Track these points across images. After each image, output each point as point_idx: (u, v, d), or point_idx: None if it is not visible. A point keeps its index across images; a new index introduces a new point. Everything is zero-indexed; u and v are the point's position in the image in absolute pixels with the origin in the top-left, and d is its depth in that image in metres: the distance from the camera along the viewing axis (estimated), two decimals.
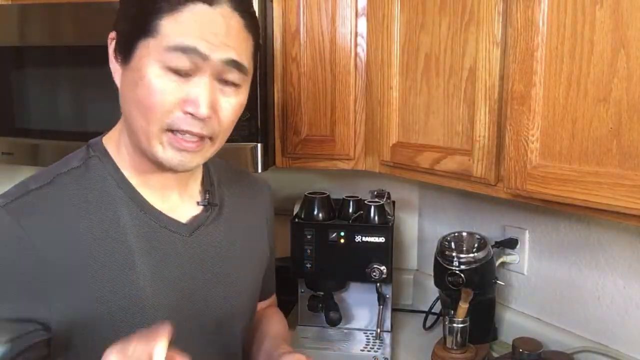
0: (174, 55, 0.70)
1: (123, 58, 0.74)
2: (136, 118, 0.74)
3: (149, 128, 0.73)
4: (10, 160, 1.48)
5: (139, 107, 0.73)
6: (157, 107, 0.72)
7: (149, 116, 0.72)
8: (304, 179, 1.74)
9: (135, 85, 0.72)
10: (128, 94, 0.74)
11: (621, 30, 0.76)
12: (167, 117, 0.72)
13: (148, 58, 0.71)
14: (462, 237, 1.37)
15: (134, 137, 0.77)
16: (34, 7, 1.38)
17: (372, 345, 1.38)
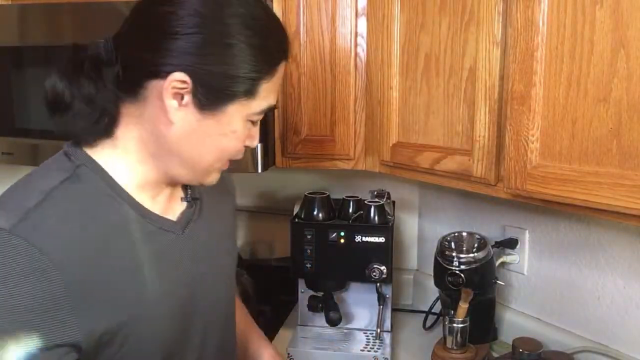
0: (263, 112, 0.79)
1: (204, 107, 0.74)
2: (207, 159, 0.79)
3: (216, 165, 0.81)
4: (10, 160, 1.48)
5: (219, 151, 0.79)
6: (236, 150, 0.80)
7: (223, 157, 0.80)
8: (304, 179, 1.74)
9: (223, 135, 0.77)
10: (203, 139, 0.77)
11: (621, 30, 0.76)
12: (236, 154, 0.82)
13: (242, 114, 0.76)
14: (462, 237, 1.37)
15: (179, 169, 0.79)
16: (34, 7, 1.38)
17: (372, 345, 1.38)
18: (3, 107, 1.46)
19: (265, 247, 1.76)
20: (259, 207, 1.84)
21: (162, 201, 0.84)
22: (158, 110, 0.74)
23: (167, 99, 0.73)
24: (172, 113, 0.74)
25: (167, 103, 0.73)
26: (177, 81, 0.72)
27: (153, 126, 0.76)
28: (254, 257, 1.77)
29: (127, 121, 0.78)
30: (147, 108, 0.75)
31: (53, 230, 0.70)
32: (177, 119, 0.74)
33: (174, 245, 0.83)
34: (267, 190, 1.84)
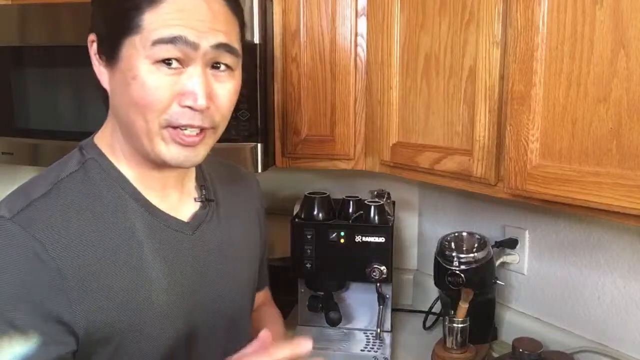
0: (163, 47, 0.69)
1: (108, 59, 0.73)
2: (134, 119, 0.72)
3: (148, 127, 0.72)
4: (10, 160, 1.48)
5: (135, 107, 0.71)
6: (154, 104, 0.71)
7: (147, 115, 0.71)
8: (304, 179, 1.74)
9: (128, 85, 0.71)
10: (121, 95, 0.73)
11: (621, 30, 0.76)
12: (165, 112, 0.71)
13: (137, 56, 0.70)
14: (462, 237, 1.37)
15: (133, 139, 0.75)
16: (34, 7, 1.38)
17: (372, 345, 1.38)
18: (3, 107, 1.46)
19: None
20: None
21: (172, 200, 0.83)
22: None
23: (95, 66, 0.75)
24: (102, 79, 0.75)
25: (95, 70, 0.75)
26: (90, 42, 0.74)
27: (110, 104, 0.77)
28: None
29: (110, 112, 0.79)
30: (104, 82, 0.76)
31: (52, 221, 0.70)
32: (106, 83, 0.75)
33: (182, 246, 0.82)
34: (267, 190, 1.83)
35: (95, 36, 0.74)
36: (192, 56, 0.71)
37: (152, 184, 0.80)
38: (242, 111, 1.28)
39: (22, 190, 0.75)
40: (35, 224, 0.69)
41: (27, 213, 0.70)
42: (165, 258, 0.79)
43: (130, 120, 0.73)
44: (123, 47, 0.71)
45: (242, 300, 0.93)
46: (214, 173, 0.94)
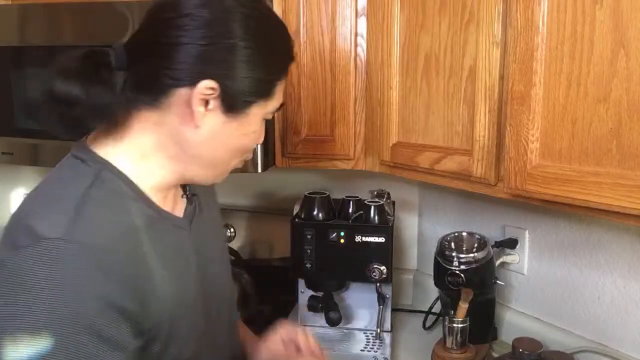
0: (275, 111, 0.84)
1: (229, 110, 0.77)
2: (228, 158, 0.82)
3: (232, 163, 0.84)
4: (10, 160, 1.48)
5: (241, 151, 0.83)
6: (252, 148, 0.85)
7: (240, 157, 0.84)
8: (304, 179, 1.74)
9: (245, 135, 0.81)
10: (226, 140, 0.80)
11: (621, 30, 0.76)
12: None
13: (260, 115, 0.81)
14: (462, 237, 1.37)
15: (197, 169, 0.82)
16: (34, 7, 1.38)
17: (372, 345, 1.38)
18: (3, 107, 1.46)
19: (265, 247, 1.76)
20: (259, 207, 1.84)
21: (170, 200, 0.85)
22: (182, 115, 0.76)
23: (196, 106, 0.75)
24: (199, 118, 0.76)
25: (195, 109, 0.75)
26: (206, 88, 0.74)
27: (175, 131, 0.78)
28: (254, 257, 1.77)
29: (144, 126, 0.78)
30: (169, 114, 0.77)
31: (98, 233, 0.71)
32: (203, 123, 0.76)
33: (186, 241, 0.86)
34: (267, 190, 1.84)
35: (215, 85, 0.74)
36: None
37: (161, 191, 0.82)
38: None
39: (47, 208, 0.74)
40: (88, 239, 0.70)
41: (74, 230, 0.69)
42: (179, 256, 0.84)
43: (219, 158, 0.82)
44: (253, 106, 0.79)
45: (232, 287, 1.05)
46: None
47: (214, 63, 0.74)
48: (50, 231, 0.68)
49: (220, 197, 1.08)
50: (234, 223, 1.75)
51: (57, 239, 0.67)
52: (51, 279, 0.66)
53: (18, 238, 0.69)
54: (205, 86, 0.74)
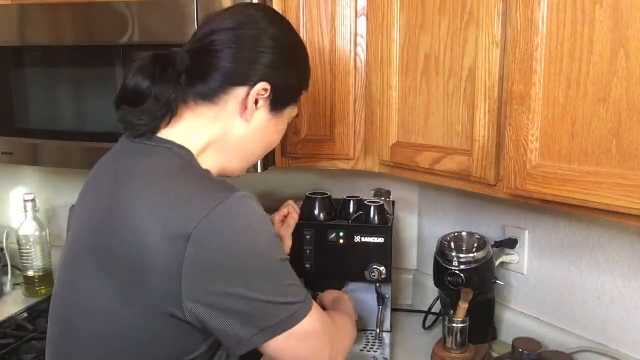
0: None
1: (275, 109, 0.94)
2: (261, 152, 1.00)
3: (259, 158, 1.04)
4: (10, 160, 1.48)
5: (270, 145, 1.01)
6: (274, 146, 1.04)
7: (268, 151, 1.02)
8: (304, 179, 1.74)
9: (278, 132, 0.99)
10: (264, 135, 0.96)
11: (621, 30, 0.76)
12: None
13: (288, 116, 1.00)
14: (462, 237, 1.37)
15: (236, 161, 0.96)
16: (34, 7, 1.38)
17: (372, 346, 1.38)
18: (3, 107, 1.46)
19: None
20: None
21: None
22: (236, 111, 0.91)
23: (250, 103, 0.90)
24: (251, 114, 0.91)
25: (249, 106, 0.90)
26: (262, 90, 0.90)
27: (228, 125, 0.92)
28: None
29: (203, 121, 0.90)
30: (225, 110, 0.90)
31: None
32: (251, 119, 0.92)
33: None
34: (267, 190, 1.83)
35: (270, 87, 0.91)
36: None
37: None
38: None
39: (211, 187, 0.84)
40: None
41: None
42: None
43: (256, 152, 0.99)
44: (288, 108, 0.98)
45: None
46: None
47: (268, 68, 0.90)
48: (229, 189, 0.82)
49: None
50: None
51: (240, 191, 0.82)
52: (257, 214, 0.83)
53: (201, 206, 0.78)
54: (262, 87, 0.90)
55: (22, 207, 1.73)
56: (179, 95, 0.87)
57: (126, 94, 0.86)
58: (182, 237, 0.76)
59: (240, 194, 0.81)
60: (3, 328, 1.51)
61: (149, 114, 0.86)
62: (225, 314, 0.78)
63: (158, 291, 0.78)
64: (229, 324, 0.79)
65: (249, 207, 0.82)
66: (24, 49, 1.42)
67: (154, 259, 0.76)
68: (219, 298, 0.78)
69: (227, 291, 0.78)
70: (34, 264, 1.73)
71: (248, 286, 0.79)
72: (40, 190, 1.93)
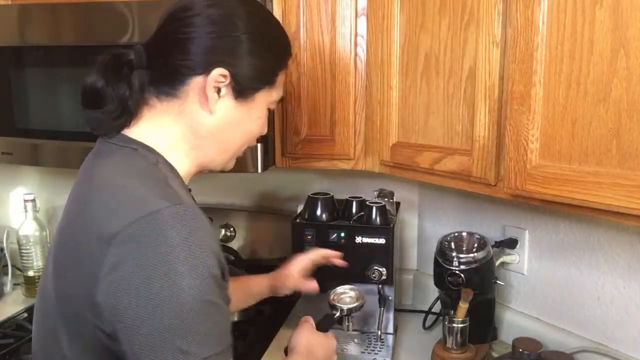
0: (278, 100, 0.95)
1: (240, 96, 0.87)
2: (240, 142, 0.93)
3: (241, 149, 0.94)
4: (10, 160, 1.48)
5: (247, 136, 0.93)
6: (257, 135, 0.95)
7: (249, 142, 0.94)
8: (304, 179, 1.74)
9: (252, 121, 0.91)
10: (237, 125, 0.90)
11: (621, 30, 0.76)
12: None
13: (265, 102, 0.92)
14: (462, 237, 1.37)
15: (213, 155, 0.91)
16: (34, 7, 1.38)
17: (374, 347, 1.38)
18: (3, 107, 1.46)
19: (265, 247, 1.76)
20: (259, 207, 1.84)
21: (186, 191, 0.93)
22: (199, 103, 0.86)
23: (210, 92, 0.85)
24: (213, 104, 0.86)
25: (209, 95, 0.85)
26: (219, 75, 0.84)
27: (193, 118, 0.87)
28: (253, 257, 1.77)
29: (169, 117, 0.87)
30: (187, 103, 0.86)
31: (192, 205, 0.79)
32: (216, 109, 0.86)
33: None
34: (267, 190, 1.84)
35: (227, 72, 0.84)
36: None
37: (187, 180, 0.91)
38: None
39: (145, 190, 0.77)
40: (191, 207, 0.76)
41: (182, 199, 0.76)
42: None
43: (232, 143, 0.92)
44: (260, 93, 0.90)
45: None
46: None
47: (223, 53, 0.84)
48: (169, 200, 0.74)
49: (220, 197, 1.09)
50: (234, 223, 1.76)
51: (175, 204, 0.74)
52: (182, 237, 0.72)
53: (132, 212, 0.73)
54: (218, 73, 0.84)
55: (22, 207, 1.73)
56: (134, 93, 0.84)
57: (84, 95, 0.86)
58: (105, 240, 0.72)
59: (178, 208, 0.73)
60: (3, 328, 1.52)
61: (107, 115, 0.84)
62: (128, 338, 0.71)
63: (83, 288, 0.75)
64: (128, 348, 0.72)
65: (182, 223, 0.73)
66: (24, 49, 1.42)
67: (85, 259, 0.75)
68: (122, 317, 0.71)
69: (127, 311, 0.70)
70: (34, 264, 1.73)
71: (150, 313, 0.70)
72: (40, 190, 1.93)
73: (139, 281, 0.70)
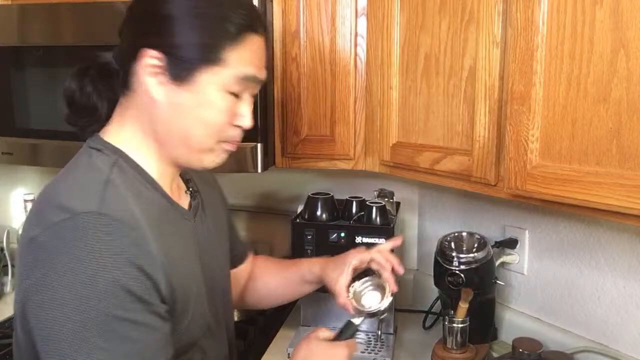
0: (241, 83, 0.81)
1: (176, 79, 0.79)
2: (196, 134, 0.82)
3: (207, 142, 0.83)
4: (10, 160, 1.48)
5: (202, 126, 0.81)
6: (222, 125, 0.82)
7: (212, 133, 0.82)
8: (304, 179, 1.74)
9: (200, 106, 0.80)
10: (185, 112, 0.81)
11: (621, 30, 0.76)
12: (225, 131, 0.83)
13: (213, 84, 0.79)
14: (462, 237, 1.37)
15: (176, 147, 0.83)
16: (34, 7, 1.38)
17: (374, 347, 1.38)
18: (3, 107, 1.46)
19: (265, 247, 1.76)
20: (259, 207, 1.84)
21: (174, 192, 0.91)
22: (144, 92, 0.80)
23: (146, 77, 0.79)
24: (153, 90, 0.80)
25: (146, 80, 0.79)
26: (149, 57, 0.78)
27: (148, 110, 0.82)
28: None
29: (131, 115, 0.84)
30: (140, 95, 0.82)
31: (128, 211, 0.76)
32: (158, 95, 0.80)
33: (191, 231, 0.91)
34: (267, 190, 1.84)
35: (158, 54, 0.78)
36: (252, 89, 0.85)
37: (165, 180, 0.87)
38: None
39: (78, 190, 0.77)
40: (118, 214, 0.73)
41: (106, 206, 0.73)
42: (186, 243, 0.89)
43: (188, 134, 0.82)
44: (201, 73, 0.79)
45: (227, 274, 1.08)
46: None
47: (150, 33, 0.79)
48: (84, 207, 0.72)
49: None
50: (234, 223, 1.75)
51: (93, 212, 0.71)
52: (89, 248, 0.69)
53: (48, 216, 0.72)
54: (149, 55, 0.78)
55: (22, 207, 1.73)
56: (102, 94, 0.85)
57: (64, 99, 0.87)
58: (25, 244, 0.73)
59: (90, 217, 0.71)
60: (3, 328, 1.51)
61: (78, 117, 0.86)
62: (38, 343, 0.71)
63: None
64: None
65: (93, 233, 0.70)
66: (24, 49, 1.42)
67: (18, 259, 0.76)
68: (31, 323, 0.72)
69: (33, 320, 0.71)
70: None
71: (51, 325, 0.69)
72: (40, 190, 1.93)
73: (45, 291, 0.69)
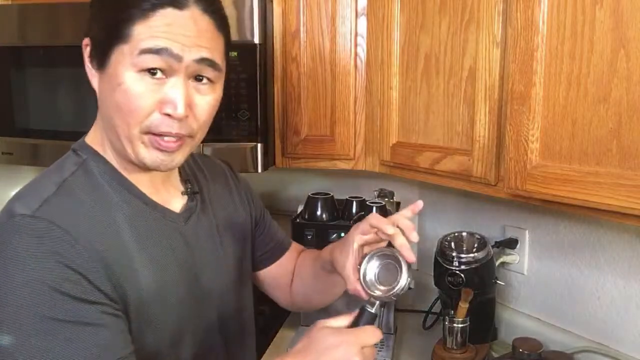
0: (148, 57, 0.74)
1: (99, 64, 0.78)
2: (117, 123, 0.77)
3: (130, 131, 0.77)
4: (10, 160, 1.48)
5: (120, 112, 0.76)
6: (137, 110, 0.75)
7: (129, 120, 0.76)
8: (304, 179, 1.74)
9: (114, 90, 0.75)
10: (107, 99, 0.77)
11: (621, 30, 0.76)
12: (147, 119, 0.76)
13: (124, 63, 0.74)
14: (462, 237, 1.37)
15: (116, 141, 0.80)
16: (34, 7, 1.38)
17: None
18: (3, 107, 1.46)
19: None
20: None
21: (163, 194, 0.88)
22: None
23: (87, 68, 0.80)
24: (93, 82, 0.80)
25: (87, 72, 0.80)
26: (84, 46, 0.79)
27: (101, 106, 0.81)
28: None
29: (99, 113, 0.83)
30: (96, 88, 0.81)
31: (71, 214, 0.74)
32: (95, 85, 0.80)
33: (178, 234, 0.87)
34: (267, 190, 1.84)
35: (89, 41, 0.79)
36: (175, 67, 0.75)
37: (142, 181, 0.84)
38: (242, 111, 1.28)
39: (29, 191, 0.77)
40: (56, 217, 0.72)
41: (45, 209, 0.72)
42: (165, 245, 0.84)
43: (114, 123, 0.78)
44: (112, 54, 0.75)
45: (244, 277, 1.02)
46: (193, 166, 1.00)
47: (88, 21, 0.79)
48: (23, 209, 0.72)
49: None
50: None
51: (27, 215, 0.71)
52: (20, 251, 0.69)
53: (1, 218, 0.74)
54: (84, 44, 0.79)
55: None
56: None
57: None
58: None
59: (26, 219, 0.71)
60: None
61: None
62: None
63: None
64: None
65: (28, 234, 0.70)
66: (24, 49, 1.42)
67: None
68: None
69: None
70: None
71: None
72: None
73: None
